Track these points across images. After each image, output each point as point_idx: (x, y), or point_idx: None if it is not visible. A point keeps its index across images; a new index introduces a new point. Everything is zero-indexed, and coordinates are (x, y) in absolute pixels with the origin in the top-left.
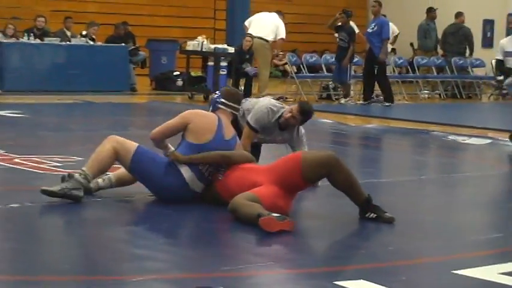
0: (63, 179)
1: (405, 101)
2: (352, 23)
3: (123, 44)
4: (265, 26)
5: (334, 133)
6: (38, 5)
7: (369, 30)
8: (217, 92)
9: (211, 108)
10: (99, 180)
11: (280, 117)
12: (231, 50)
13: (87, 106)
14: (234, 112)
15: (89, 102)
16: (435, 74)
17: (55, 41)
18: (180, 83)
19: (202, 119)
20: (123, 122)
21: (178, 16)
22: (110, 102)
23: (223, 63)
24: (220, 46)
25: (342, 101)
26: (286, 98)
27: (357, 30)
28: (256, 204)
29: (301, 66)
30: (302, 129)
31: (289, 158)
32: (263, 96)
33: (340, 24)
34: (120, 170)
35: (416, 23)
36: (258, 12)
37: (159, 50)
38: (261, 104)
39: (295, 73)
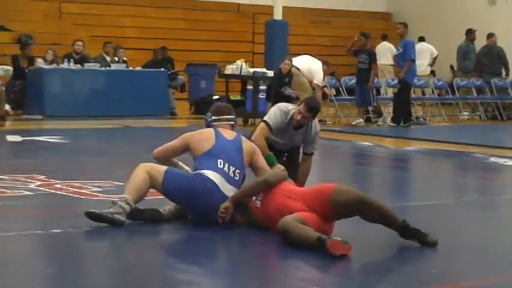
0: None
1: (445, 123)
2: (390, 45)
3: (162, 69)
4: (306, 66)
5: (373, 156)
6: (78, 30)
7: (396, 52)
8: (208, 114)
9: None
10: (167, 209)
11: (291, 118)
12: (270, 73)
13: (127, 131)
14: (230, 123)
15: (128, 127)
16: (475, 95)
17: (94, 66)
18: None
19: (200, 135)
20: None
21: (217, 40)
22: (150, 126)
23: (263, 87)
24: (259, 70)
25: (379, 122)
26: (326, 121)
27: (395, 52)
28: (309, 228)
29: (340, 89)
30: (317, 127)
31: (320, 192)
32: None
33: (359, 47)
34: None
35: (456, 45)
36: (296, 34)
37: (198, 74)
38: (273, 107)
39: (334, 96)
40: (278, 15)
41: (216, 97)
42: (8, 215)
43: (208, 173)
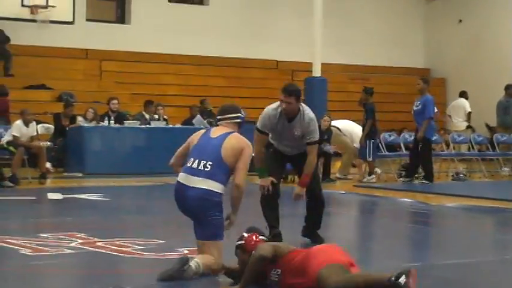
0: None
1: (485, 179)
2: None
3: (202, 126)
4: (346, 128)
5: (414, 212)
6: (118, 88)
7: (414, 108)
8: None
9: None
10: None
11: (282, 114)
12: None
13: (167, 188)
14: (234, 121)
15: (169, 184)
16: None
17: (134, 124)
18: None
19: (194, 137)
20: None
21: (256, 97)
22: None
23: None
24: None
25: (364, 179)
26: (363, 178)
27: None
28: (366, 273)
29: (380, 145)
30: (310, 114)
31: (311, 265)
32: (344, 176)
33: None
34: (206, 257)
35: (495, 100)
36: (334, 91)
37: None
38: None
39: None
40: (317, 71)
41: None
42: (49, 273)
43: (179, 177)
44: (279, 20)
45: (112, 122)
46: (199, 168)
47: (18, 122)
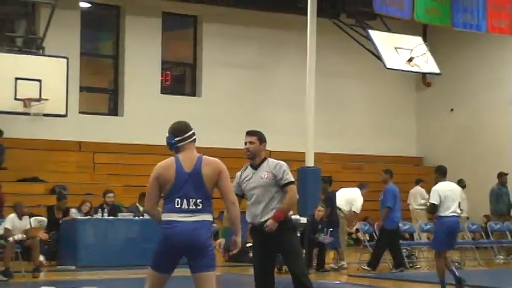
0: None
1: (480, 267)
2: (422, 190)
3: None
4: (344, 197)
5: None
6: (111, 180)
7: (379, 198)
8: (167, 135)
9: (174, 152)
10: None
11: (247, 167)
12: (303, 220)
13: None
14: (192, 139)
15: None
16: (510, 238)
17: (128, 216)
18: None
19: (164, 172)
20: None
21: None
22: (184, 275)
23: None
24: (292, 216)
25: (334, 265)
26: (361, 267)
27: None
28: None
29: (374, 234)
30: (274, 161)
31: None
32: (341, 266)
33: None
34: None
35: (488, 188)
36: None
37: None
38: None
39: (368, 241)
40: (310, 161)
41: (249, 244)
42: None
43: (170, 217)
44: (271, 111)
45: (105, 214)
46: (191, 207)
47: (12, 216)
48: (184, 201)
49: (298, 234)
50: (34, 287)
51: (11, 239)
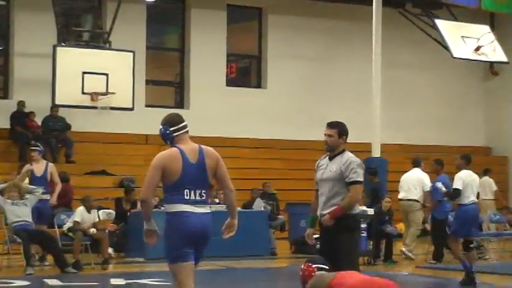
0: None
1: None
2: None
3: (262, 208)
4: (412, 185)
5: None
6: None
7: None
8: (160, 126)
9: (169, 143)
10: None
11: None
12: (371, 211)
13: (229, 272)
14: (186, 130)
15: (230, 268)
16: None
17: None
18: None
19: (170, 163)
20: None
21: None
22: (251, 267)
23: (363, 225)
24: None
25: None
26: (427, 261)
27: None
28: None
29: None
30: (350, 156)
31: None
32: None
33: None
34: None
35: None
36: (394, 171)
37: (298, 213)
38: None
39: None
40: (376, 152)
41: (316, 236)
42: None
43: (181, 208)
44: (337, 103)
45: None
46: (197, 198)
47: (81, 209)
48: (192, 192)
49: (365, 225)
50: (103, 279)
51: (79, 233)
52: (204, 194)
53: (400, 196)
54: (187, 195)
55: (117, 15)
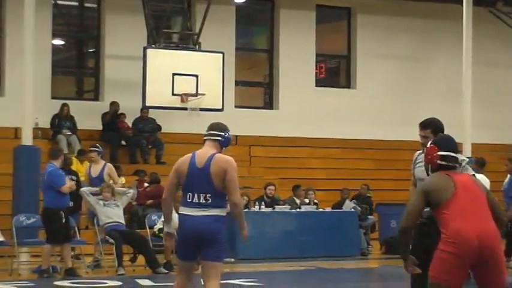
0: None
1: None
2: None
3: (352, 209)
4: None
5: None
6: (267, 173)
7: (502, 188)
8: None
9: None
10: None
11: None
12: None
13: (319, 273)
14: (213, 138)
15: (321, 268)
16: None
17: (285, 208)
18: None
19: (182, 164)
20: None
21: (406, 179)
22: (342, 268)
23: None
24: None
25: None
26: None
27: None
28: None
29: None
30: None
31: None
32: None
33: None
34: None
35: None
36: (486, 172)
37: (388, 213)
38: None
39: None
40: (467, 152)
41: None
42: None
43: (183, 210)
44: (427, 103)
45: (263, 207)
46: (201, 201)
47: None
48: (195, 195)
49: None
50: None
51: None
52: (209, 198)
53: None
54: (189, 198)
55: (207, 17)
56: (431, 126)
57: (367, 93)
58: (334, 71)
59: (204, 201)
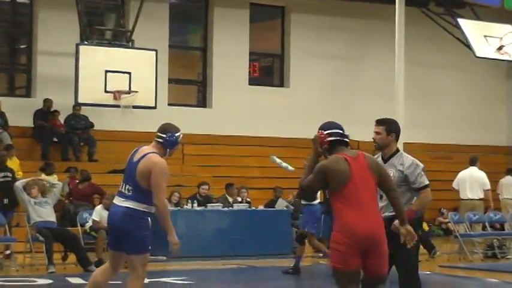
0: None
1: None
2: None
3: (285, 208)
4: (473, 185)
5: None
6: (201, 172)
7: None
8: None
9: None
10: None
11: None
12: None
13: (251, 271)
14: (157, 140)
15: (252, 266)
16: None
17: (217, 207)
18: None
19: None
20: (287, 287)
21: None
22: (274, 266)
23: None
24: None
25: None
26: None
27: None
28: None
29: (465, 225)
30: (414, 162)
31: None
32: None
33: None
34: None
35: None
36: None
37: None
38: None
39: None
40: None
41: None
42: None
43: (114, 199)
44: (360, 102)
45: (195, 205)
46: (125, 192)
47: (99, 207)
48: (123, 185)
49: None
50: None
51: (102, 231)
52: (131, 190)
53: (462, 196)
54: (120, 187)
55: (140, 14)
56: (386, 124)
57: (300, 92)
58: (268, 70)
59: (126, 192)
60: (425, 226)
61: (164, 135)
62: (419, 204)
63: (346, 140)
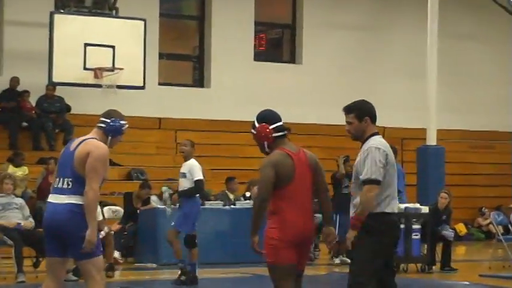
0: None
1: None
2: None
3: None
4: None
5: None
6: None
7: None
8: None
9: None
10: None
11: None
12: (425, 209)
13: (256, 280)
14: (99, 125)
15: (257, 275)
16: None
17: (216, 204)
18: None
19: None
20: None
21: None
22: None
23: (416, 226)
24: (411, 205)
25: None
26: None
27: None
28: None
29: (510, 226)
30: (370, 142)
31: None
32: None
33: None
34: None
35: None
36: (452, 162)
37: None
38: None
39: (502, 234)
40: (432, 139)
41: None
42: None
43: (48, 198)
44: (385, 81)
45: None
46: (63, 186)
47: None
48: (60, 180)
49: (419, 227)
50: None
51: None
52: (70, 183)
53: None
54: (56, 184)
55: None
56: (355, 110)
57: (314, 69)
58: (277, 43)
59: (66, 187)
60: (463, 228)
61: (108, 120)
62: (361, 208)
63: (286, 132)
